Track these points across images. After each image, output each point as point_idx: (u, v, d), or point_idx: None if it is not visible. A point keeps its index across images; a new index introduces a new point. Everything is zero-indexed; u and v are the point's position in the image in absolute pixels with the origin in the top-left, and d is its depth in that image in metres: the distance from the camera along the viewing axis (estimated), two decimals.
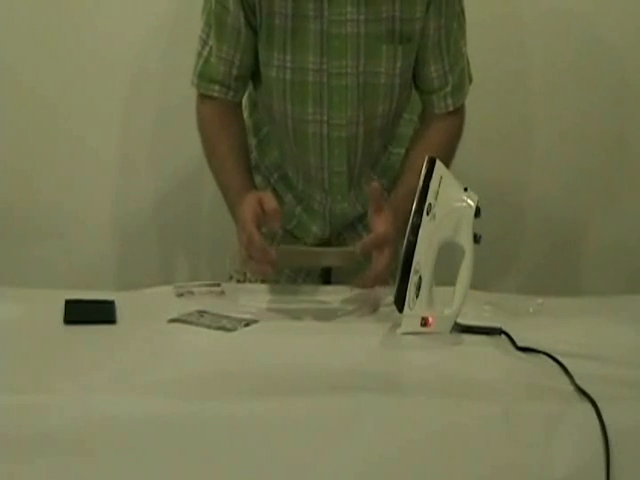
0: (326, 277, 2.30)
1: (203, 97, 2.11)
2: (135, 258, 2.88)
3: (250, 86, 2.17)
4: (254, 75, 2.11)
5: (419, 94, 2.14)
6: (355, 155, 2.12)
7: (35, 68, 2.75)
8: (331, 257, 1.93)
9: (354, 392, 1.50)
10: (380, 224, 1.90)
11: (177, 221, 2.87)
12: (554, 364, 1.61)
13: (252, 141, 2.24)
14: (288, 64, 2.02)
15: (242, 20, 2.01)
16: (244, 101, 2.21)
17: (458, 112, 2.13)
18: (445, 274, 1.81)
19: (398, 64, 2.04)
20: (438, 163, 1.78)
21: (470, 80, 2.14)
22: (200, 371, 1.58)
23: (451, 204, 1.77)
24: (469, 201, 1.77)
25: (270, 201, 1.88)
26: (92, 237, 2.87)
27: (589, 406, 1.47)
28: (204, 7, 2.06)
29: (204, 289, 1.99)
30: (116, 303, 1.85)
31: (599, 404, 1.46)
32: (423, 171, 1.78)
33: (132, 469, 1.43)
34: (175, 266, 2.91)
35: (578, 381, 1.53)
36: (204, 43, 2.07)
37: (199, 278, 2.07)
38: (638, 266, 2.90)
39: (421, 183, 1.77)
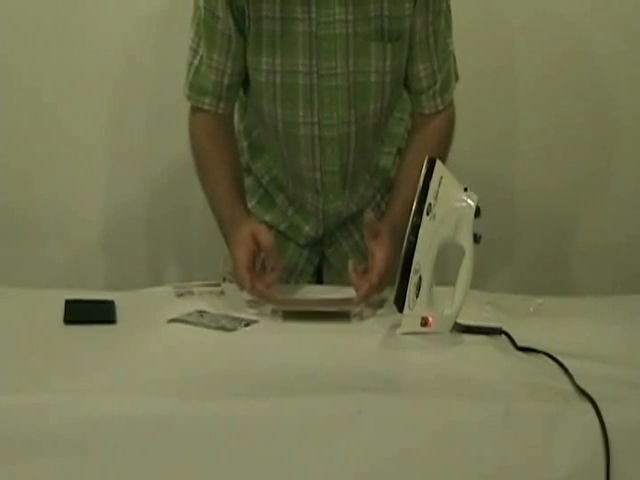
0: (318, 277, 2.30)
1: (195, 109, 2.10)
2: (129, 259, 2.88)
3: (240, 90, 2.17)
4: (244, 80, 2.11)
5: (408, 94, 2.13)
6: (348, 154, 2.12)
7: (32, 68, 2.74)
8: (330, 304, 1.93)
9: (354, 392, 1.50)
10: (379, 252, 1.92)
11: (170, 222, 2.87)
12: (554, 364, 1.61)
13: (243, 144, 2.24)
14: (278, 68, 2.02)
15: (232, 26, 2.00)
16: (237, 105, 2.22)
17: (447, 109, 2.12)
18: (445, 274, 1.81)
19: (388, 62, 2.03)
20: (438, 163, 1.78)
21: (457, 78, 2.14)
22: (200, 371, 1.58)
23: (451, 204, 1.77)
24: (469, 201, 1.77)
25: (264, 237, 1.91)
26: (90, 237, 2.86)
27: (589, 406, 1.47)
28: (194, 16, 2.06)
29: (204, 289, 1.99)
30: (116, 303, 1.86)
31: (599, 404, 1.46)
32: (423, 171, 1.78)
33: (132, 469, 1.43)
34: (169, 267, 2.90)
35: (578, 381, 1.53)
36: (194, 53, 2.06)
37: (193, 280, 2.08)
38: (628, 261, 2.90)
39: (421, 183, 1.77)
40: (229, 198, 2.05)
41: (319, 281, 2.30)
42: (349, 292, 1.94)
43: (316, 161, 2.12)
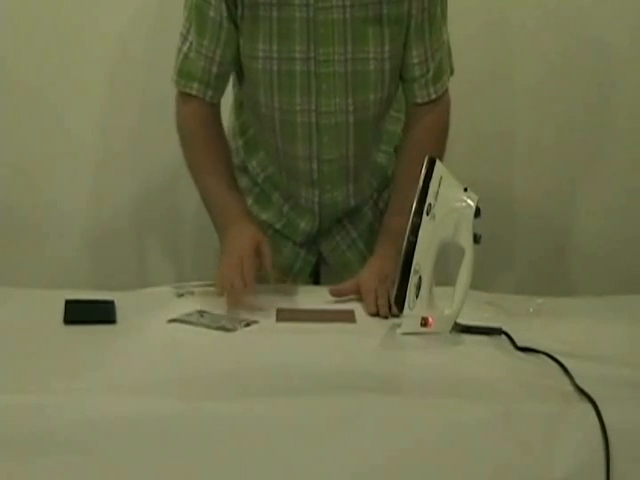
0: (316, 277, 2.30)
1: (183, 95, 2.09)
2: (129, 259, 2.88)
3: (236, 86, 2.17)
4: (238, 71, 2.11)
5: (402, 84, 2.12)
6: (347, 144, 2.11)
7: (29, 67, 2.74)
8: (332, 315, 1.93)
9: (354, 392, 1.50)
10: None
11: (170, 222, 2.87)
12: (554, 364, 1.61)
13: (239, 142, 2.24)
14: (275, 54, 2.02)
15: (224, 13, 2.00)
16: (232, 103, 2.22)
17: (441, 101, 2.11)
18: (445, 274, 1.81)
19: (386, 47, 2.03)
20: (438, 163, 1.78)
21: (452, 71, 2.13)
22: (200, 371, 1.58)
23: (451, 204, 1.77)
24: (469, 201, 1.77)
25: (267, 250, 1.96)
26: (90, 237, 2.86)
27: (589, 406, 1.47)
28: (186, 1, 2.05)
29: (204, 289, 1.99)
30: (116, 303, 1.85)
31: (599, 404, 1.46)
32: (423, 171, 1.77)
33: (132, 469, 1.43)
34: (167, 267, 2.90)
35: (578, 381, 1.53)
36: (184, 39, 2.06)
37: (190, 279, 2.08)
38: (628, 262, 2.90)
39: (421, 183, 1.77)
40: (224, 192, 2.06)
41: (316, 282, 2.29)
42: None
43: (313, 150, 2.11)
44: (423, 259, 1.75)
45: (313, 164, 2.13)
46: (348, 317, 1.88)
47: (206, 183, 2.09)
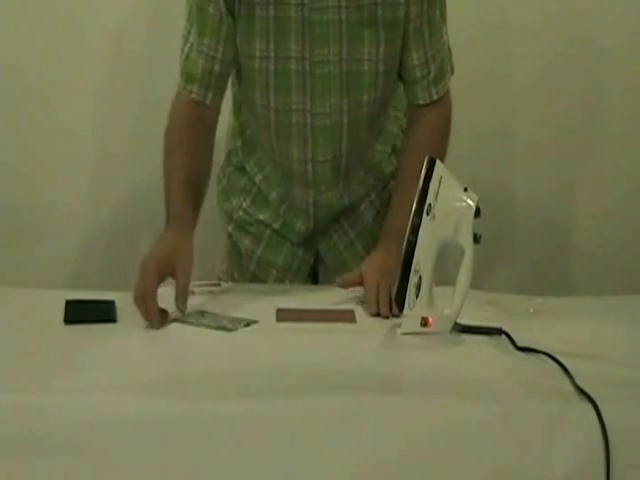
0: (314, 277, 2.30)
1: (182, 94, 2.06)
2: (129, 258, 2.86)
3: (235, 86, 2.16)
4: (237, 71, 2.10)
5: (403, 85, 2.13)
6: (340, 144, 2.11)
7: (30, 67, 2.74)
8: (332, 315, 1.92)
9: (354, 392, 1.50)
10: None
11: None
12: (554, 364, 1.61)
13: (238, 142, 2.24)
14: (271, 54, 2.01)
15: (223, 9, 2.00)
16: (231, 103, 2.21)
17: (443, 100, 2.11)
18: (445, 274, 1.81)
19: (381, 50, 2.03)
20: (438, 163, 1.78)
21: (452, 71, 2.13)
22: (200, 371, 1.58)
23: (451, 204, 1.77)
24: (469, 201, 1.77)
25: (184, 274, 1.85)
26: (89, 237, 2.86)
27: (589, 406, 1.47)
28: (186, 3, 2.05)
29: (204, 289, 1.99)
30: (116, 303, 1.85)
31: (599, 404, 1.46)
32: (423, 171, 1.77)
33: (131, 469, 1.43)
34: None
35: (578, 381, 1.53)
36: (186, 40, 2.05)
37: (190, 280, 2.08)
38: (628, 262, 2.90)
39: (421, 183, 1.77)
40: (182, 195, 2.01)
41: (314, 282, 2.29)
42: (344, 295, 1.95)
43: (308, 151, 2.10)
44: (423, 259, 1.75)
45: (308, 166, 2.13)
46: (348, 317, 1.88)
47: (167, 179, 2.05)
